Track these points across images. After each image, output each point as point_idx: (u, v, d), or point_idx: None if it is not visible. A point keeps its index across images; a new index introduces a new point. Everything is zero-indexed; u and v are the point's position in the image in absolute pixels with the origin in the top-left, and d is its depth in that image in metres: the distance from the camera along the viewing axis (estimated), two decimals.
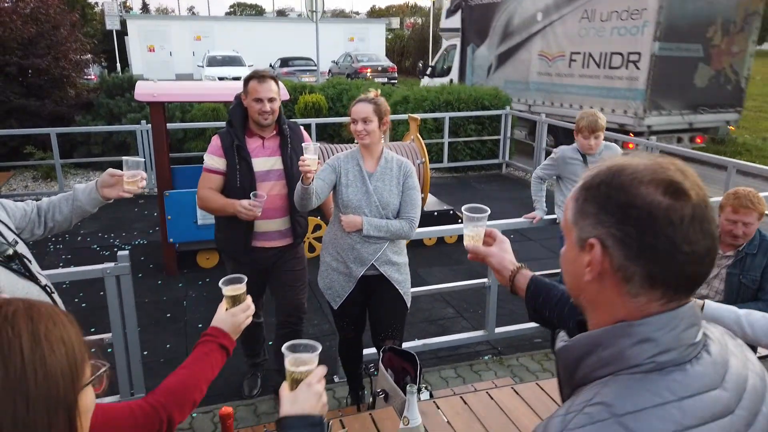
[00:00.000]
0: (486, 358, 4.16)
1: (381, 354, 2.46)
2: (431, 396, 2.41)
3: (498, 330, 4.20)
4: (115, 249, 6.10)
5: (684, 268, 0.84)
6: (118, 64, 24.13)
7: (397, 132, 9.81)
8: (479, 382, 3.64)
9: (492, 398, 2.34)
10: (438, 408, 2.25)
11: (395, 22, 49.75)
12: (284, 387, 1.22)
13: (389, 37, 36.23)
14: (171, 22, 31.60)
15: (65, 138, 9.18)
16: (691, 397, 0.82)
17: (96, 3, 34.54)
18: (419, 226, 3.03)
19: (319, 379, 1.23)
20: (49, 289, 1.81)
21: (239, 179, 3.05)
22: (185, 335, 4.34)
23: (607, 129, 4.46)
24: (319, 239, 5.83)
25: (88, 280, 3.00)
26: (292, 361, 1.24)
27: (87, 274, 3.08)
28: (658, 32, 8.70)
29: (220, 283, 1.60)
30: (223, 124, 8.43)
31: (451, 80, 14.01)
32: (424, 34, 27.92)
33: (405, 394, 1.93)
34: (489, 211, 1.66)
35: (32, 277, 1.77)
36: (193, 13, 75.32)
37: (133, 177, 2.08)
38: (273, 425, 2.15)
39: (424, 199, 6.35)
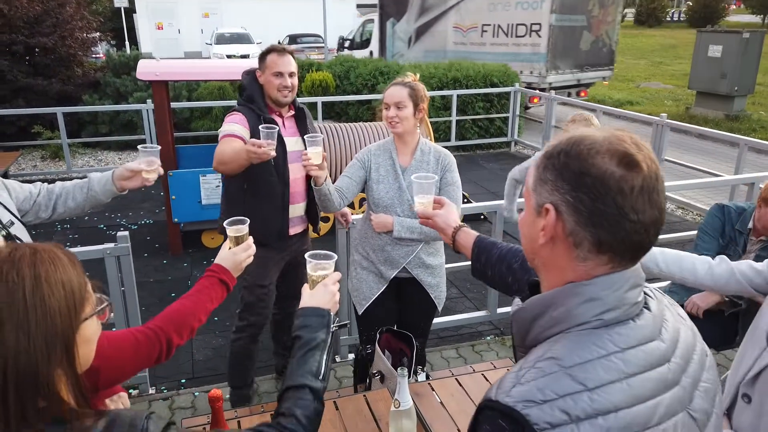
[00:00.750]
0: (488, 338, 4.16)
1: (378, 335, 2.46)
2: (428, 377, 2.41)
3: (500, 310, 4.20)
4: (122, 228, 6.14)
5: (630, 236, 0.89)
6: (127, 42, 24.04)
7: None
8: (480, 362, 3.65)
9: (488, 380, 2.34)
10: (432, 389, 2.25)
11: None
12: (305, 287, 1.46)
13: None
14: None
15: (73, 117, 9.20)
16: (632, 348, 0.89)
17: None
18: None
19: (334, 281, 1.46)
20: None
21: (272, 159, 2.63)
22: None
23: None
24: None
25: (94, 260, 3.01)
26: (312, 267, 1.48)
27: (88, 254, 3.09)
28: (554, 6, 10.87)
29: (225, 224, 1.75)
30: (230, 102, 8.53)
31: (371, 52, 15.89)
32: None
33: None
34: (436, 177, 1.92)
35: None
36: None
37: (151, 164, 2.11)
38: (271, 405, 2.17)
39: None
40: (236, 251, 1.73)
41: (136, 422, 0.96)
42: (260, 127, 2.52)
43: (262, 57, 2.88)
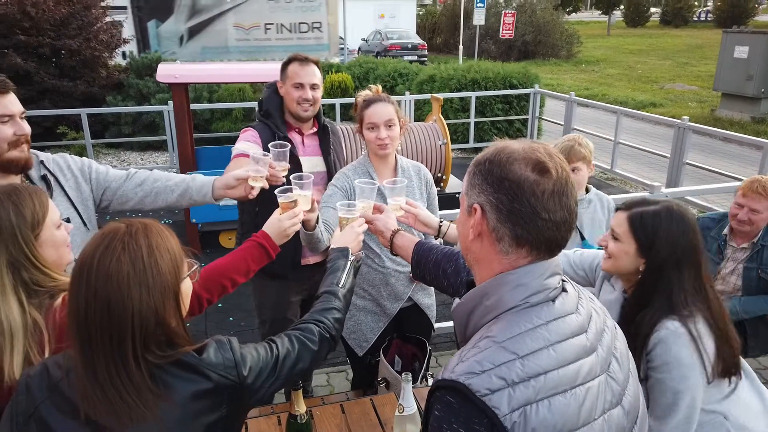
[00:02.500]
0: None
1: (386, 342, 2.47)
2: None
3: None
4: None
5: (543, 232, 1.04)
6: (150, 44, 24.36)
7: (423, 112, 9.72)
8: None
9: None
10: None
11: None
12: (337, 229, 1.84)
13: (420, 13, 35.71)
14: None
15: (96, 118, 9.37)
16: (555, 320, 1.04)
17: None
18: (440, 209, 2.68)
19: (360, 224, 1.85)
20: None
21: (286, 181, 2.26)
22: (205, 313, 4.42)
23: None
24: None
25: None
26: (341, 211, 1.83)
27: None
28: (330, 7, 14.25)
29: (276, 192, 1.86)
30: (250, 104, 8.61)
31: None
32: (456, 10, 27.40)
33: None
34: (376, 183, 2.04)
35: None
36: None
37: (258, 172, 2.02)
38: (281, 407, 2.20)
39: (445, 181, 6.30)
40: (282, 218, 1.83)
41: (223, 340, 1.28)
42: (270, 145, 2.18)
43: (284, 66, 2.65)
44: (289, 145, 2.20)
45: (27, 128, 1.83)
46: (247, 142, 2.57)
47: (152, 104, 9.29)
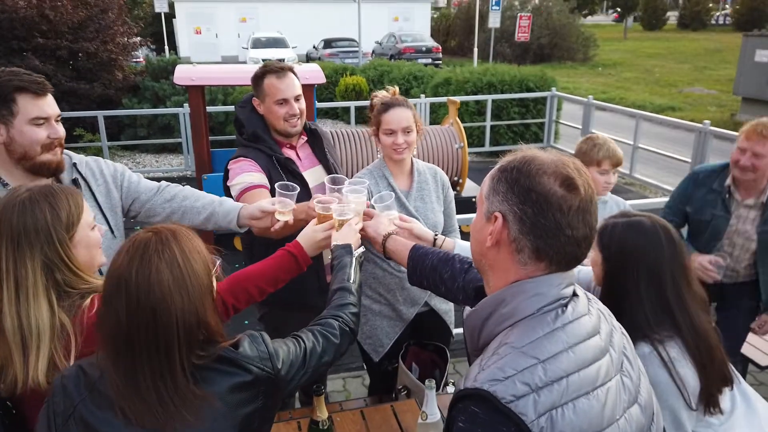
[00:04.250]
0: None
1: (403, 348, 2.41)
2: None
3: None
4: None
5: (564, 248, 1.04)
6: (166, 47, 24.58)
7: (439, 115, 9.67)
8: None
9: None
10: None
11: (442, 1, 49.00)
12: (334, 232, 1.85)
13: (435, 16, 35.71)
14: (217, 4, 31.94)
15: (112, 120, 9.42)
16: (570, 323, 1.04)
17: None
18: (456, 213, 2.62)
19: (357, 222, 1.88)
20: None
21: (296, 201, 2.17)
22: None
23: None
24: None
25: None
26: (336, 213, 1.85)
27: None
28: None
29: (314, 202, 1.90)
30: None
31: None
32: (471, 13, 27.37)
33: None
34: (366, 182, 2.03)
35: None
36: None
37: (285, 206, 1.98)
38: (299, 412, 2.18)
39: (462, 185, 6.24)
40: (316, 229, 1.85)
41: (255, 334, 1.32)
42: (276, 186, 2.02)
43: (258, 80, 2.37)
44: (297, 189, 2.04)
45: (61, 131, 1.81)
46: (251, 173, 2.33)
47: (168, 107, 9.33)
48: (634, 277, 1.57)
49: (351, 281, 1.69)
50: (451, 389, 2.34)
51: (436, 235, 2.02)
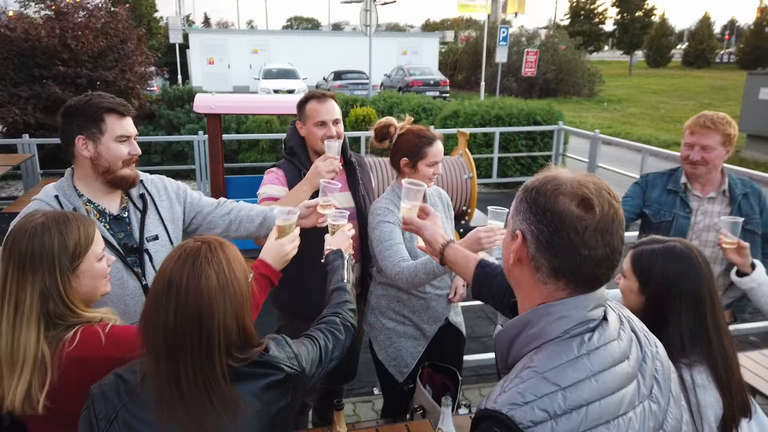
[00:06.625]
0: None
1: (420, 369, 2.48)
2: (470, 410, 2.41)
3: None
4: None
5: (581, 267, 1.04)
6: (179, 76, 25.06)
7: (447, 146, 9.81)
8: None
9: None
10: None
11: (449, 36, 49.87)
12: (328, 235, 2.01)
13: (443, 50, 36.30)
14: (230, 36, 32.69)
15: None
16: (596, 349, 1.04)
17: (161, 17, 36.07)
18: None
19: (350, 228, 2.02)
20: (148, 289, 1.93)
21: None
22: None
23: None
24: None
25: None
26: (331, 218, 2.01)
27: None
28: None
29: (275, 211, 1.95)
30: (277, 136, 8.79)
31: None
32: (478, 48, 27.84)
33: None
34: (425, 186, 2.02)
35: (138, 275, 1.93)
36: (252, 26, 77.80)
37: (327, 202, 2.15)
38: (316, 431, 2.23)
39: (470, 214, 6.34)
40: (283, 242, 1.88)
41: (278, 337, 1.43)
42: (321, 181, 2.24)
43: (301, 106, 2.57)
44: (340, 184, 2.25)
45: (139, 149, 1.99)
46: (273, 185, 2.55)
47: (182, 134, 9.53)
48: (677, 304, 1.58)
49: (345, 281, 1.81)
50: (463, 411, 2.40)
51: (444, 244, 1.89)
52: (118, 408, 1.27)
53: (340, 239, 1.98)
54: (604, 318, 1.10)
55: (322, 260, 1.96)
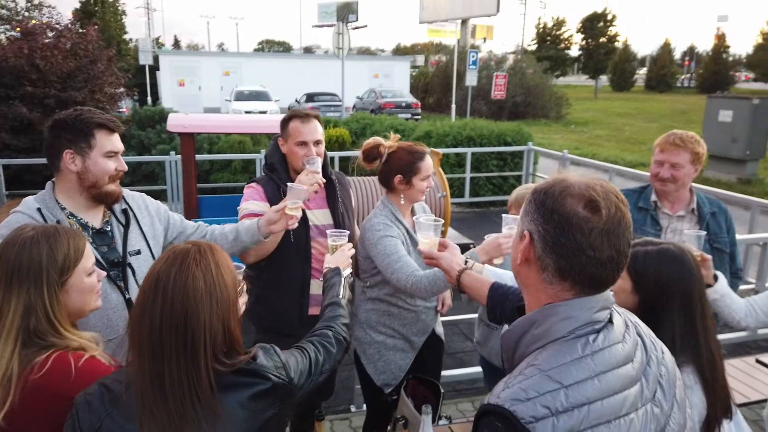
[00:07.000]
0: None
1: (405, 381, 2.50)
2: (450, 421, 2.42)
3: None
4: None
5: (586, 268, 1.06)
6: (149, 98, 24.87)
7: None
8: None
9: None
10: None
11: (420, 60, 50.58)
12: (328, 254, 2.10)
13: (414, 74, 36.80)
14: (201, 58, 32.62)
15: None
16: (600, 351, 1.05)
17: (131, 39, 35.87)
18: None
19: (350, 248, 2.10)
20: (131, 303, 1.93)
21: (292, 233, 2.41)
22: None
23: None
24: None
25: None
26: (332, 239, 2.10)
27: None
28: None
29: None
30: (249, 156, 8.78)
31: None
32: (448, 71, 28.31)
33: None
34: (442, 221, 2.07)
35: (121, 288, 1.92)
36: (223, 49, 77.68)
37: (295, 204, 2.20)
38: None
39: (444, 233, 6.40)
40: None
41: (267, 346, 1.41)
42: (288, 185, 2.26)
43: (285, 123, 2.59)
44: (305, 186, 2.27)
45: (125, 166, 2.00)
46: (254, 201, 2.55)
47: (153, 155, 9.44)
48: (670, 305, 1.61)
49: (341, 296, 1.84)
50: (443, 422, 2.41)
51: (461, 271, 1.95)
52: (102, 417, 1.25)
53: (340, 259, 2.03)
54: (610, 321, 1.11)
55: (320, 279, 1.99)
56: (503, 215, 2.27)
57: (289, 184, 2.22)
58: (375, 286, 2.58)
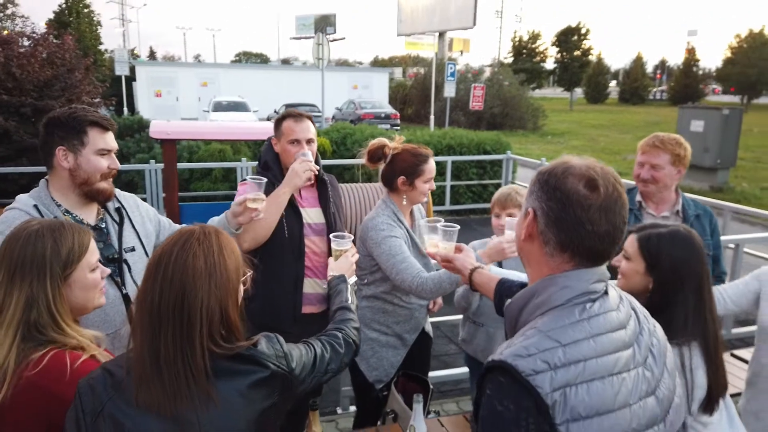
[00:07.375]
0: None
1: (396, 377, 2.53)
2: (438, 415, 2.46)
3: None
4: None
5: (584, 241, 1.15)
6: (125, 108, 24.63)
7: None
8: None
9: None
10: (442, 425, 2.30)
11: (398, 72, 50.96)
12: (331, 260, 2.09)
13: (392, 85, 37.05)
14: (179, 69, 32.42)
15: None
16: (596, 316, 1.15)
17: (106, 50, 35.55)
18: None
19: (353, 254, 2.11)
20: (128, 298, 1.95)
21: (287, 228, 2.51)
22: None
23: None
24: None
25: None
26: (335, 243, 2.09)
27: None
28: None
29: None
30: (230, 164, 8.76)
31: None
32: (426, 83, 28.58)
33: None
34: (457, 227, 2.11)
35: (118, 283, 1.94)
36: (200, 60, 77.31)
37: (257, 196, 2.24)
38: None
39: None
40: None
41: (271, 335, 1.43)
42: (247, 178, 2.31)
43: (278, 123, 2.64)
44: (266, 180, 2.32)
45: (118, 164, 2.01)
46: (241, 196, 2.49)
47: (132, 164, 9.36)
48: (683, 286, 1.69)
49: (350, 302, 1.84)
50: (432, 416, 2.44)
51: (472, 270, 1.98)
52: (104, 402, 1.26)
53: (343, 265, 2.04)
54: (605, 293, 1.20)
55: (324, 286, 2.01)
56: (506, 218, 2.33)
57: (247, 177, 2.25)
58: (372, 284, 2.63)
